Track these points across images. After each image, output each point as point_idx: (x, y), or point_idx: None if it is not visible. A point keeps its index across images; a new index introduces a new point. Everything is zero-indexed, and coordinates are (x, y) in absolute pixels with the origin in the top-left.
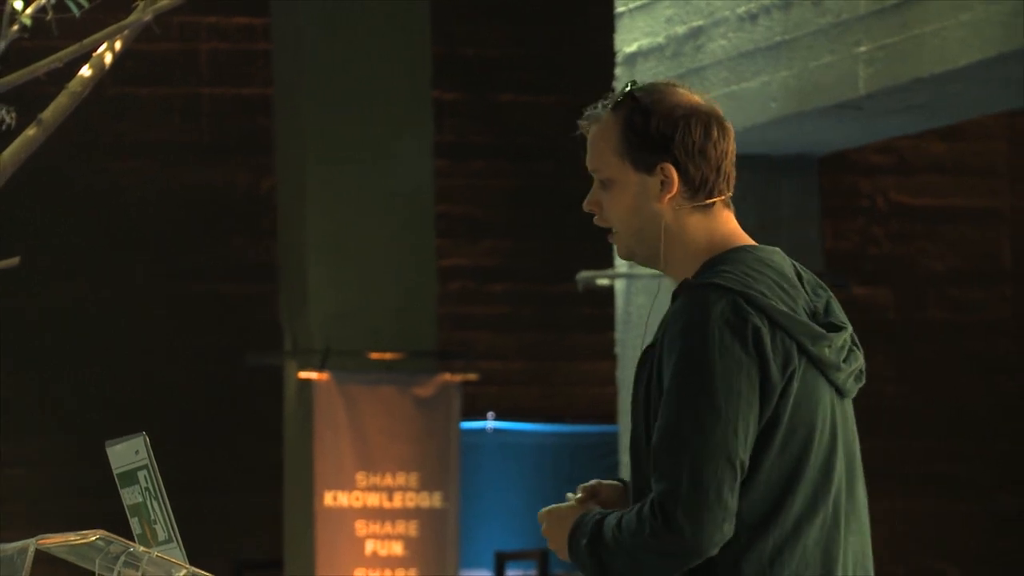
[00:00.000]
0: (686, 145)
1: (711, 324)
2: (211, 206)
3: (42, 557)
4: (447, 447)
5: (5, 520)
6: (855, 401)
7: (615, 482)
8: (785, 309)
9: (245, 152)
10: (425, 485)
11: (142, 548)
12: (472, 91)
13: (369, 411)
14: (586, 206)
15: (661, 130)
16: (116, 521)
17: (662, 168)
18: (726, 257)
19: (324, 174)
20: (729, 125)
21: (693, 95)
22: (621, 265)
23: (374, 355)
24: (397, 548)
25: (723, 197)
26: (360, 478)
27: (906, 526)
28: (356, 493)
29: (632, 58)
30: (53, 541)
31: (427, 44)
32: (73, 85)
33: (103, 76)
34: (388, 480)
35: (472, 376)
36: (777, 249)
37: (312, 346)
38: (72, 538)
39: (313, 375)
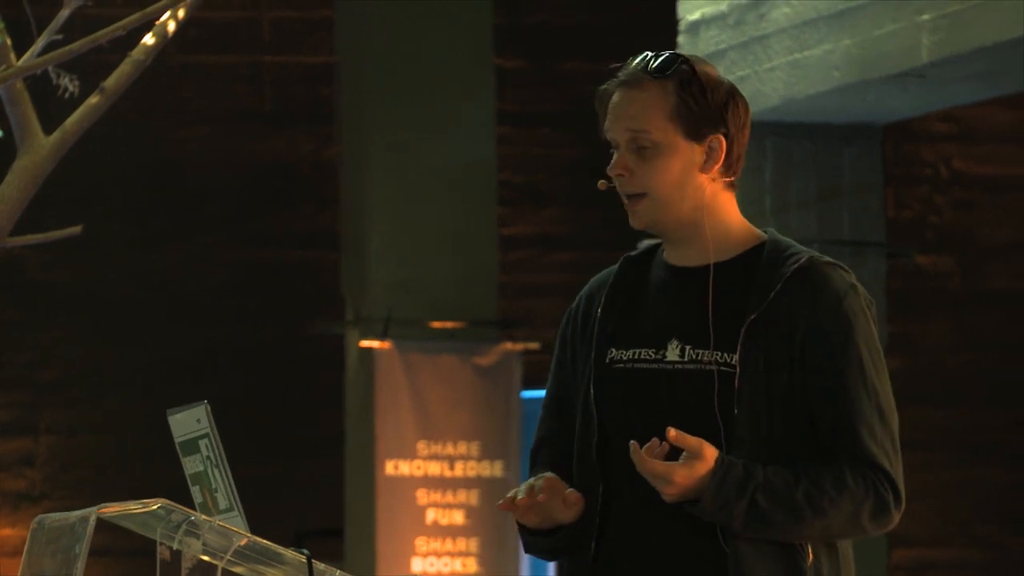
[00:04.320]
0: (736, 120)
1: (868, 307)
2: (273, 175)
3: (104, 526)
4: (508, 416)
5: (69, 488)
6: (920, 368)
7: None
8: None
9: (308, 121)
10: (486, 454)
11: (203, 517)
12: (534, 59)
13: (430, 380)
14: (613, 169)
15: (718, 101)
16: (178, 489)
17: (713, 139)
18: (788, 239)
19: (386, 142)
20: None
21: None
22: None
23: (436, 324)
24: (458, 517)
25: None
26: (421, 447)
27: (969, 497)
28: (417, 462)
29: (695, 26)
30: (114, 510)
31: (489, 11)
32: (136, 53)
33: (166, 44)
34: (449, 449)
35: (534, 345)
36: None
37: (374, 315)
38: (133, 507)
39: (375, 344)
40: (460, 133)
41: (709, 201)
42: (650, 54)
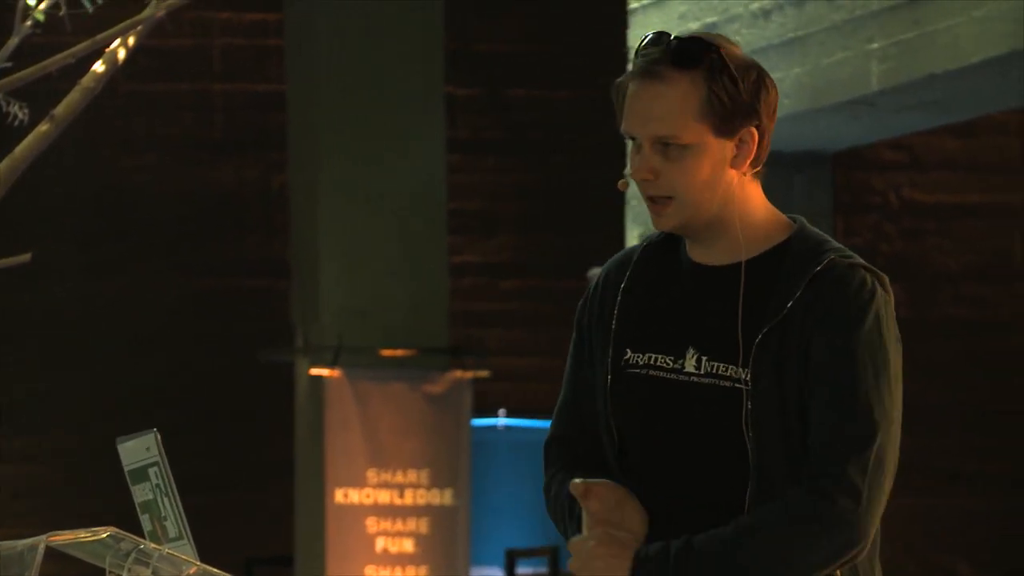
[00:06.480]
0: (768, 107)
1: (886, 310)
2: (223, 202)
3: (52, 554)
4: (458, 444)
5: (17, 517)
6: None
7: (604, 480)
8: None
9: (258, 148)
10: (436, 482)
11: (153, 545)
12: (485, 87)
13: (380, 408)
14: (639, 174)
15: (750, 90)
16: (127, 518)
17: (744, 132)
18: (817, 232)
19: (336, 170)
20: None
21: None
22: None
23: (385, 352)
24: (408, 545)
25: None
26: (371, 475)
27: (919, 523)
28: (367, 490)
29: None
30: (63, 538)
31: (439, 39)
32: (86, 81)
33: (116, 72)
34: (399, 477)
35: (483, 373)
36: None
37: (324, 343)
38: (82, 535)
39: (324, 372)
40: (410, 160)
41: (738, 195)
42: (670, 36)
